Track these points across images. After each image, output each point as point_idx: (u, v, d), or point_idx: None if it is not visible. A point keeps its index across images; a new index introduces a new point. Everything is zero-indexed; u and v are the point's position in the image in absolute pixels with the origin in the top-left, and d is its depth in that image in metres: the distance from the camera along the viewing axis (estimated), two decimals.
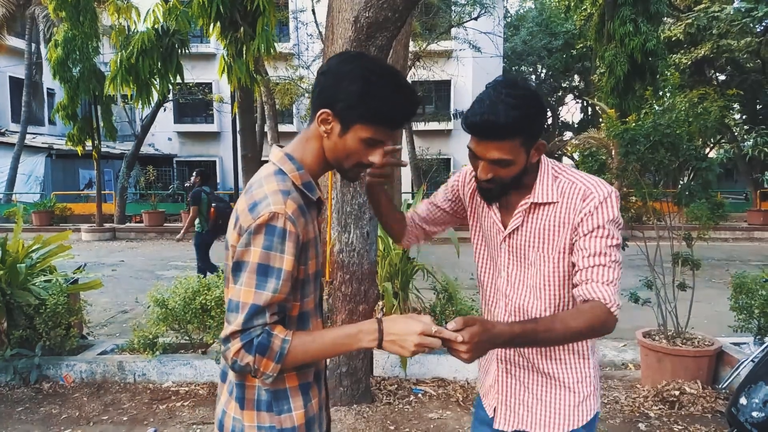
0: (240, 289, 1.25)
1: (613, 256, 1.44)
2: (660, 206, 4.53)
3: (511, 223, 1.58)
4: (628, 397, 4.21)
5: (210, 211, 7.44)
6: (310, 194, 1.37)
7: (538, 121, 1.46)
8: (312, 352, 1.28)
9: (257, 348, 1.23)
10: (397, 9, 3.23)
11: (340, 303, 3.79)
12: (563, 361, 1.58)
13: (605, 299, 1.40)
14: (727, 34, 17.16)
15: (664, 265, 4.36)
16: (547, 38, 26.59)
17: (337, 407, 3.90)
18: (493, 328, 1.28)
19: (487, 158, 1.46)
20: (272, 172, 1.34)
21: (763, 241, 15.35)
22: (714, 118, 3.88)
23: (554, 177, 1.54)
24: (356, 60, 1.34)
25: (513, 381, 1.64)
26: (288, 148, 1.40)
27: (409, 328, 1.25)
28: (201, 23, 6.09)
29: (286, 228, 1.24)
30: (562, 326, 1.36)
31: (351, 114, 1.31)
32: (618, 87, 15.59)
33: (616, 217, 1.48)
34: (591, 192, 1.48)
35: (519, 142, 1.43)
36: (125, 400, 4.22)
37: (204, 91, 22.68)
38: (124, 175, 18.02)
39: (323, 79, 1.34)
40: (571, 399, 1.57)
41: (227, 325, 1.26)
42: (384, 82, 1.31)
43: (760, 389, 2.21)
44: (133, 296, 7.93)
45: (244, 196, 1.32)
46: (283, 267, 1.24)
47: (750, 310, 4.33)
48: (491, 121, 1.39)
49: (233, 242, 1.30)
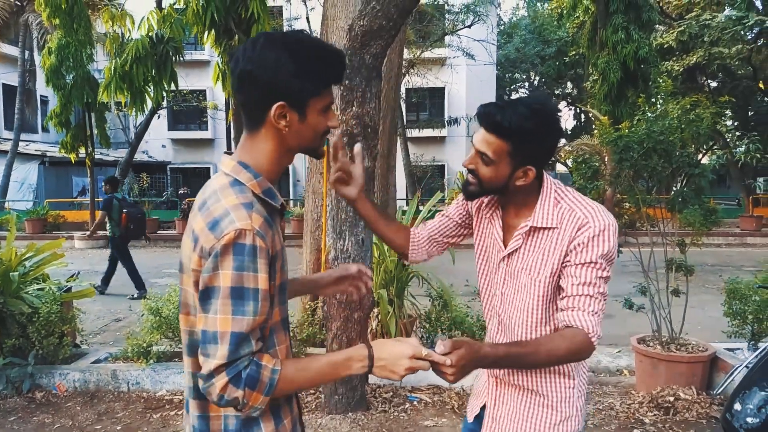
0: (216, 318, 1.14)
1: (600, 288, 1.47)
2: (653, 212, 4.56)
3: (511, 244, 1.59)
4: (623, 403, 4.22)
5: (122, 217, 7.68)
6: (273, 202, 1.28)
7: (537, 142, 1.46)
8: (301, 381, 1.22)
9: (246, 381, 1.14)
10: (392, 18, 3.24)
11: (335, 310, 3.79)
12: (547, 379, 1.60)
13: (588, 329, 1.43)
14: (718, 41, 17.30)
15: (657, 271, 4.38)
16: (540, 46, 26.77)
17: (332, 415, 3.88)
18: (480, 350, 1.30)
19: (476, 147, 1.50)
20: (227, 184, 1.23)
21: (755, 247, 15.43)
22: (706, 125, 3.91)
23: (556, 201, 1.54)
24: (271, 43, 1.22)
25: (500, 396, 1.68)
26: (238, 156, 1.28)
27: (400, 352, 1.23)
28: (195, 31, 6.09)
29: (256, 244, 1.15)
30: (545, 351, 1.40)
31: (304, 94, 1.23)
32: (611, 94, 15.69)
33: (609, 252, 1.48)
34: (587, 222, 1.48)
35: (507, 149, 1.45)
36: (119, 409, 4.19)
37: (198, 99, 22.71)
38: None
39: (255, 75, 1.21)
40: (553, 417, 1.59)
41: (206, 359, 1.15)
42: (308, 47, 1.23)
43: (755, 395, 2.22)
44: (126, 304, 7.89)
45: (200, 213, 1.21)
46: (258, 286, 1.15)
47: (743, 316, 4.35)
48: (492, 114, 1.44)
49: (195, 266, 1.19)
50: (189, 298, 1.25)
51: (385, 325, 4.52)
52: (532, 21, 28.60)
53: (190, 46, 19.89)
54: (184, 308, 1.28)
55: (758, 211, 18.34)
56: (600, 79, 15.99)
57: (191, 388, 1.29)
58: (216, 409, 1.25)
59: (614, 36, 15.42)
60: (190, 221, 1.25)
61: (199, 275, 1.17)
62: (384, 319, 4.51)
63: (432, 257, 1.90)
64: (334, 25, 4.27)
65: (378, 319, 4.62)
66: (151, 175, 21.51)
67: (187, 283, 1.25)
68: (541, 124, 1.44)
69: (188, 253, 1.22)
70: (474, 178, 1.54)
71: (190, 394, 1.30)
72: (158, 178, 24.89)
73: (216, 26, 5.76)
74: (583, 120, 30.24)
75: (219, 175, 1.28)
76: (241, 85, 1.24)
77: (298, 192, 24.64)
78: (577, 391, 1.62)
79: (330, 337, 3.84)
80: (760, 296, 4.24)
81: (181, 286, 1.29)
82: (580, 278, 1.46)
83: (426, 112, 25.13)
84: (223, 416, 1.26)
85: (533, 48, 26.66)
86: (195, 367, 1.26)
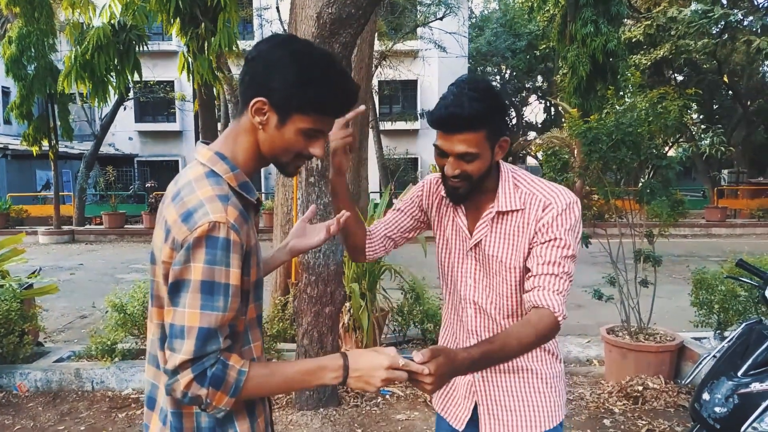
0: (184, 312, 1.10)
1: (565, 268, 1.47)
2: (622, 204, 4.60)
3: (477, 233, 1.58)
4: (593, 393, 4.25)
5: None
6: (249, 196, 1.25)
7: (500, 115, 1.49)
8: (268, 386, 1.18)
9: (211, 380, 1.10)
10: (361, 6, 3.18)
11: (305, 305, 3.73)
12: (537, 357, 1.62)
13: (553, 308, 1.43)
14: (685, 35, 17.64)
15: (626, 261, 4.42)
16: (511, 39, 26.90)
17: (303, 411, 3.83)
18: (456, 357, 1.27)
19: (454, 153, 1.47)
20: (203, 174, 1.19)
21: (720, 237, 15.82)
22: (674, 117, 3.95)
23: (515, 186, 1.56)
24: (288, 44, 1.22)
25: (491, 388, 1.64)
26: (217, 146, 1.25)
27: (376, 363, 1.18)
28: (160, 19, 5.92)
29: (230, 238, 1.11)
30: (516, 341, 1.39)
31: (289, 104, 1.19)
32: (580, 87, 15.86)
33: (574, 225, 1.50)
34: (551, 202, 1.50)
35: (484, 135, 1.45)
36: (83, 408, 4.07)
37: (165, 90, 22.23)
38: (83, 176, 17.49)
39: (254, 65, 1.21)
40: (550, 393, 1.61)
41: (172, 353, 1.11)
42: (320, 67, 1.20)
43: (722, 384, 2.24)
44: (91, 301, 7.68)
45: (173, 204, 1.17)
46: (230, 282, 1.12)
47: (710, 306, 4.42)
48: (456, 114, 1.43)
49: (165, 258, 1.15)
50: (161, 290, 1.21)
51: (357, 319, 4.48)
52: (503, 14, 28.71)
53: (157, 36, 19.48)
54: (156, 301, 1.23)
55: (723, 203, 18.81)
56: (570, 73, 16.15)
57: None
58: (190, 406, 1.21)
59: (583, 29, 15.57)
60: (162, 212, 1.20)
61: (170, 267, 1.13)
62: (356, 314, 4.46)
63: (388, 252, 1.86)
64: (303, 13, 4.17)
65: (350, 313, 4.57)
66: (117, 168, 20.99)
67: (158, 274, 1.20)
68: (494, 98, 1.47)
69: (159, 245, 1.18)
70: (461, 181, 1.51)
71: (165, 390, 1.23)
72: (125, 171, 24.34)
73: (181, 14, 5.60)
74: (553, 113, 30.56)
75: (194, 164, 1.24)
76: (243, 72, 1.24)
77: (269, 185, 24.41)
78: (562, 366, 1.65)
79: (300, 333, 3.78)
80: (726, 286, 4.32)
81: (152, 278, 1.24)
82: (544, 257, 1.47)
83: (399, 104, 25.08)
84: (195, 413, 1.22)
85: (504, 41, 26.77)
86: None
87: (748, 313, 4.24)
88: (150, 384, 1.29)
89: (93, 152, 17.87)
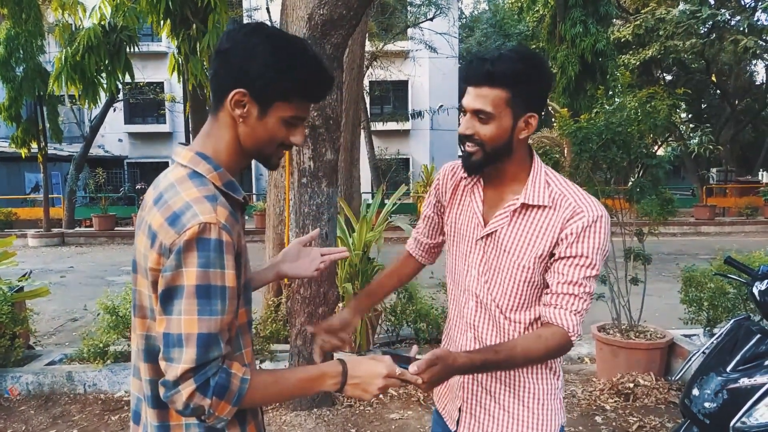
0: (180, 320, 1.05)
1: (587, 288, 1.40)
2: (612, 203, 4.64)
3: (494, 223, 1.48)
4: (584, 390, 4.29)
5: None
6: (235, 195, 1.21)
7: (535, 85, 1.39)
8: (270, 394, 1.17)
9: (215, 390, 1.06)
10: (352, 7, 3.19)
11: (298, 306, 3.73)
12: (533, 370, 1.53)
13: (569, 328, 1.39)
14: (673, 35, 17.77)
15: (616, 260, 4.46)
16: (501, 39, 26.95)
17: (297, 412, 3.83)
18: (455, 363, 1.26)
19: (470, 108, 1.39)
20: (185, 176, 1.15)
21: (709, 235, 15.95)
22: (663, 117, 3.99)
23: (547, 183, 1.45)
24: (261, 31, 1.17)
25: (478, 388, 1.57)
26: (196, 146, 1.20)
27: (375, 371, 1.19)
28: (150, 20, 5.89)
29: (222, 239, 1.07)
30: (522, 352, 1.36)
31: (271, 92, 1.15)
32: (570, 87, 15.93)
33: (604, 245, 1.40)
34: (582, 210, 1.40)
35: (505, 97, 1.36)
36: (75, 412, 4.05)
37: (156, 91, 22.12)
38: (73, 178, 17.37)
39: (228, 56, 1.16)
40: (539, 410, 1.52)
41: (170, 364, 1.05)
42: (298, 51, 1.17)
43: (712, 380, 2.26)
44: (82, 303, 7.66)
45: (157, 209, 1.12)
46: (226, 284, 1.07)
47: (699, 303, 4.47)
48: (481, 62, 1.36)
49: (153, 265, 1.10)
50: (144, 300, 1.17)
51: None
52: (493, 15, 28.77)
53: (147, 37, 19.38)
54: (139, 311, 1.20)
55: (711, 201, 18.95)
56: (559, 73, 16.22)
57: (149, 396, 1.20)
58: (177, 418, 1.18)
59: (573, 29, 15.64)
60: (144, 218, 1.16)
61: (158, 275, 1.08)
62: None
63: (438, 255, 1.86)
64: (294, 14, 4.18)
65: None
66: (107, 170, 20.84)
67: (142, 284, 1.17)
68: (534, 66, 1.38)
69: (144, 252, 1.13)
70: (474, 146, 1.41)
71: (148, 403, 1.21)
72: (115, 173, 24.19)
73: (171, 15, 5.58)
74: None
75: (174, 167, 1.20)
76: (216, 61, 1.18)
77: (261, 186, 24.34)
78: (560, 382, 1.57)
79: (294, 334, 3.79)
80: (715, 283, 4.36)
81: (134, 287, 1.20)
82: (567, 276, 1.39)
83: (390, 105, 25.08)
84: (184, 425, 1.19)
85: (494, 42, 26.79)
86: (153, 374, 1.18)
87: (736, 310, 4.28)
88: (135, 398, 1.26)
89: (82, 154, 17.75)
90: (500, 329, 1.52)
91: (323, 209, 3.59)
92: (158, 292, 1.09)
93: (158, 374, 1.12)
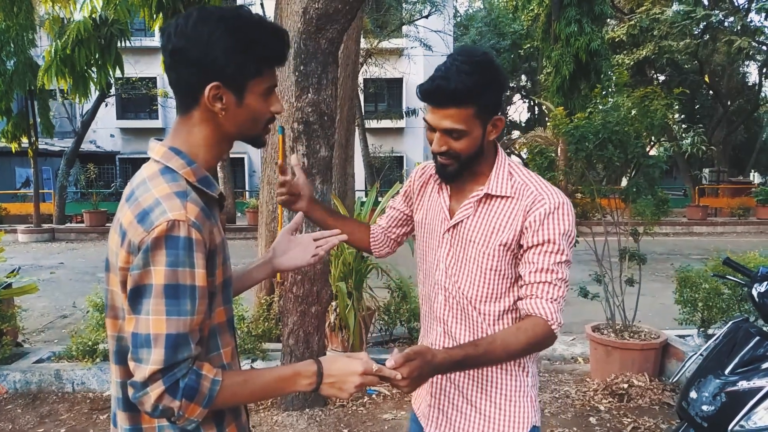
0: (148, 320, 1.02)
1: (560, 274, 1.41)
2: (607, 203, 4.62)
3: (460, 213, 1.51)
4: (578, 391, 4.27)
5: None
6: (210, 191, 1.17)
7: (493, 90, 1.42)
8: (241, 395, 1.13)
9: (185, 392, 1.04)
10: (348, 1, 3.14)
11: (291, 305, 3.68)
12: (503, 368, 1.52)
13: (548, 317, 1.39)
14: (667, 35, 17.82)
15: (610, 260, 4.44)
16: (496, 38, 26.97)
17: (288, 412, 3.79)
18: (434, 359, 1.25)
19: (440, 128, 1.41)
20: (157, 172, 1.12)
21: (702, 236, 16.01)
22: (660, 116, 3.97)
23: (510, 174, 1.49)
24: (206, 17, 1.12)
25: (448, 384, 1.57)
26: (170, 141, 1.17)
27: (350, 369, 1.17)
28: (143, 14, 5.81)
29: (191, 237, 1.04)
30: (503, 346, 1.36)
31: (243, 73, 1.13)
32: (564, 86, 15.95)
33: (569, 230, 1.43)
34: (543, 197, 1.43)
35: (472, 111, 1.39)
36: (63, 410, 3.99)
37: (148, 86, 21.96)
38: (64, 174, 17.21)
39: (186, 54, 1.11)
40: (509, 408, 1.52)
41: (138, 365, 1.03)
42: (251, 21, 1.14)
43: (710, 383, 2.24)
44: (73, 300, 7.57)
45: (128, 206, 1.10)
46: (195, 283, 1.05)
47: (694, 304, 4.46)
48: (442, 87, 1.37)
49: (122, 264, 1.08)
50: (116, 299, 1.14)
51: (343, 319, 4.44)
52: (488, 13, 28.77)
53: (139, 32, 19.21)
54: (111, 311, 1.16)
55: (704, 201, 19.02)
56: (553, 72, 16.23)
57: (120, 399, 1.17)
58: (149, 420, 1.15)
59: (567, 29, 15.65)
60: (117, 215, 1.13)
61: (128, 273, 1.06)
62: (342, 313, 4.43)
63: (394, 250, 1.86)
64: (288, 9, 4.13)
65: (336, 313, 4.53)
66: (98, 165, 20.71)
67: (114, 283, 1.13)
68: (490, 72, 1.40)
69: (115, 250, 1.11)
70: (448, 159, 1.45)
71: (117, 406, 1.18)
72: (106, 169, 24.03)
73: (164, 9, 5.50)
74: (537, 112, 30.73)
75: (149, 162, 1.17)
76: (172, 64, 1.13)
77: (254, 183, 24.24)
78: (532, 379, 1.55)
79: (286, 333, 3.74)
80: (710, 284, 4.35)
81: (107, 286, 1.17)
82: (537, 264, 1.41)
83: (384, 102, 25.04)
84: (157, 427, 1.16)
85: (489, 41, 26.81)
86: (124, 376, 1.14)
87: (731, 311, 4.28)
88: (114, 399, 1.23)
89: (74, 149, 17.59)
90: (470, 322, 1.52)
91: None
92: (127, 291, 1.06)
93: (128, 376, 1.09)
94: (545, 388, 4.32)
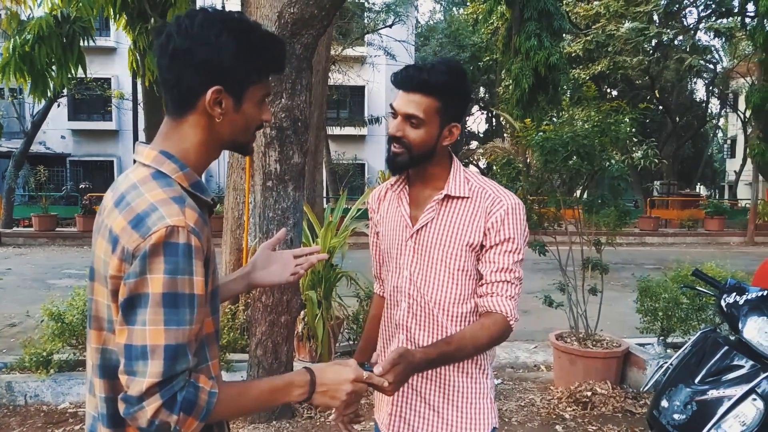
0: (144, 330, 0.97)
1: (517, 273, 1.51)
2: (571, 213, 4.71)
3: (424, 217, 1.56)
4: (543, 399, 4.32)
5: None
6: (204, 196, 1.14)
7: (460, 97, 1.53)
8: (237, 407, 1.10)
9: (183, 405, 0.99)
10: (324, 6, 3.12)
11: (260, 314, 3.61)
12: (463, 369, 1.56)
13: (508, 314, 1.48)
14: (621, 51, 18.42)
15: (571, 269, 4.51)
16: (456, 50, 27.34)
17: (255, 425, 3.70)
18: (414, 360, 1.31)
19: (401, 112, 1.48)
20: (148, 176, 1.08)
21: (653, 246, 16.54)
22: (625, 130, 4.08)
23: (465, 179, 1.57)
24: (213, 19, 1.09)
25: (410, 391, 1.58)
26: (160, 145, 1.12)
27: (342, 377, 1.16)
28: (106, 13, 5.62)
29: (191, 243, 1.00)
30: (472, 342, 1.44)
31: (245, 79, 1.12)
32: (523, 99, 16.29)
33: (524, 230, 1.53)
34: (500, 199, 1.52)
35: (435, 106, 1.47)
36: (15, 425, 3.79)
37: (102, 87, 21.32)
38: (12, 176, 16.51)
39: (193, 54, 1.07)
40: (470, 411, 1.56)
41: (133, 378, 0.97)
42: (252, 29, 1.13)
43: (680, 392, 2.29)
44: (21, 308, 7.21)
45: (118, 211, 1.04)
46: (195, 292, 1.00)
47: (654, 313, 4.58)
48: (416, 73, 1.46)
49: (114, 272, 1.02)
50: (102, 310, 1.08)
51: (312, 328, 4.38)
52: (448, 25, 29.16)
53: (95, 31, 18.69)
54: (95, 322, 1.10)
55: (655, 212, 19.67)
56: (513, 84, 16.55)
57: (105, 415, 1.10)
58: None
59: (527, 43, 16.01)
60: (104, 221, 1.08)
61: (120, 282, 1.00)
62: (311, 322, 4.36)
63: None
64: (257, 13, 4.06)
65: (305, 322, 4.47)
66: (49, 168, 19.89)
67: (100, 293, 1.07)
68: (461, 80, 1.51)
69: (104, 258, 1.05)
70: (401, 147, 1.50)
71: (103, 423, 1.11)
72: (57, 171, 23.13)
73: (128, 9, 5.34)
74: (494, 124, 31.26)
75: (136, 167, 1.12)
76: (173, 64, 1.09)
77: (212, 188, 23.81)
78: (491, 381, 1.63)
79: (254, 343, 3.65)
80: (670, 294, 4.47)
81: (91, 296, 1.11)
82: (498, 264, 1.50)
83: (346, 109, 25.05)
84: None
85: (449, 52, 27.17)
86: (109, 391, 1.08)
87: (690, 320, 4.41)
88: (91, 416, 1.16)
89: (23, 151, 16.92)
90: (435, 327, 1.55)
91: (289, 214, 3.48)
92: (119, 301, 1.01)
93: (115, 391, 1.04)
94: (510, 396, 4.36)
